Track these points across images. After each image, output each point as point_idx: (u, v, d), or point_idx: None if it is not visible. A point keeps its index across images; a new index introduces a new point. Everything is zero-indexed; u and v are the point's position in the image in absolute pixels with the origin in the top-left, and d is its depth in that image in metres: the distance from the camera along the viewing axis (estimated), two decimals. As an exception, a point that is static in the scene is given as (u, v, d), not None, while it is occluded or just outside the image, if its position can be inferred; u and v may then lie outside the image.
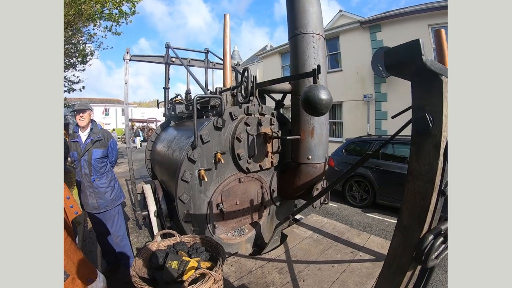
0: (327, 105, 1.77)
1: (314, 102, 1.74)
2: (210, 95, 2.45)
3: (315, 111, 1.79)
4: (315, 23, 2.79)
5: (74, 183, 4.15)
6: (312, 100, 1.75)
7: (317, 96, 1.74)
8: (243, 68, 2.33)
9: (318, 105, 1.75)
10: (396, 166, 6.29)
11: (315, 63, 2.74)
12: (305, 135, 2.75)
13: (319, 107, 1.76)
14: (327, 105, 1.77)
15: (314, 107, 1.76)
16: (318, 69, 1.98)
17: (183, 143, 3.05)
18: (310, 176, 2.91)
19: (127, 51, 4.35)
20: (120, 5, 8.22)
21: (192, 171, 2.39)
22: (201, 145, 2.39)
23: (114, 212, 3.53)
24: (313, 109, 1.78)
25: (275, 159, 2.93)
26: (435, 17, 9.42)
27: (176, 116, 4.40)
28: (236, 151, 2.56)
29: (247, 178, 2.79)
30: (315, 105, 1.76)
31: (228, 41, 3.05)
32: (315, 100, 1.74)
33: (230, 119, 2.56)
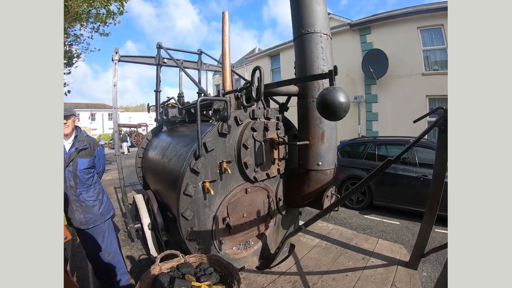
0: (346, 109, 1.60)
1: (333, 105, 1.57)
2: (214, 97, 2.19)
3: (334, 115, 1.61)
4: (322, 22, 2.59)
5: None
6: (330, 103, 1.57)
7: (337, 100, 1.56)
8: (254, 67, 2.09)
9: (338, 109, 1.57)
10: (391, 167, 6.19)
11: (323, 64, 2.53)
12: (315, 140, 2.54)
13: (338, 111, 1.58)
14: (346, 109, 1.60)
15: (333, 111, 1.58)
16: (335, 70, 1.77)
17: (181, 151, 2.77)
18: (320, 183, 2.70)
19: (116, 51, 4.02)
20: (108, 5, 7.85)
21: (196, 184, 2.13)
22: (205, 154, 2.13)
23: (104, 227, 3.23)
24: (332, 113, 1.60)
25: (282, 166, 2.71)
26: (424, 20, 9.54)
27: (168, 121, 4.10)
28: (242, 159, 2.31)
29: (254, 188, 2.55)
30: (334, 109, 1.58)
31: (227, 39, 2.81)
32: (334, 103, 1.57)
33: (235, 124, 2.31)
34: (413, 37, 9.81)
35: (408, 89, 9.81)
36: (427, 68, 9.83)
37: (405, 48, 9.90)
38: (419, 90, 9.62)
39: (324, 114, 1.68)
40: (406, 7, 10.04)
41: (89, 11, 7.86)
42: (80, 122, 36.21)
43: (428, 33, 9.75)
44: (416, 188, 5.86)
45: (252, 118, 2.43)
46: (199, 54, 4.86)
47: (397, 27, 10.11)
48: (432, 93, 9.56)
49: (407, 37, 9.88)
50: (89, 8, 7.81)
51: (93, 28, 9.19)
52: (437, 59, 9.73)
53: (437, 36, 9.59)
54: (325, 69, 2.54)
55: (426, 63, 9.86)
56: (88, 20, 8.80)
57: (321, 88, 2.52)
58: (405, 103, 9.86)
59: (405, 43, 9.92)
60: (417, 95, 9.63)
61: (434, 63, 9.80)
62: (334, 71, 1.76)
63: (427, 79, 9.61)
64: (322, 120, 2.51)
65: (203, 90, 2.71)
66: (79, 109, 37.85)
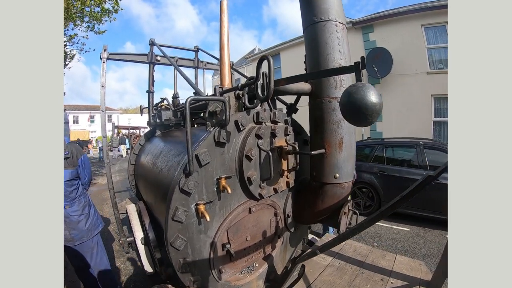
0: (379, 111, 1.19)
1: (365, 107, 1.15)
2: (209, 97, 1.73)
3: (364, 119, 1.19)
4: (337, 10, 2.14)
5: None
6: (361, 104, 1.16)
7: (368, 99, 1.15)
8: (261, 57, 1.61)
9: (370, 111, 1.16)
10: (402, 171, 5.79)
11: (341, 58, 2.08)
12: (331, 148, 2.08)
13: (370, 114, 1.17)
14: (379, 111, 1.19)
15: (364, 114, 1.17)
16: (363, 62, 1.33)
17: (172, 161, 2.32)
18: (337, 198, 2.24)
19: (104, 49, 3.58)
20: (102, 3, 7.37)
21: (187, 207, 1.66)
22: (198, 169, 1.67)
23: (91, 243, 2.85)
24: (362, 117, 1.19)
25: (291, 178, 2.24)
26: (428, 17, 9.11)
27: (162, 124, 3.64)
28: (245, 173, 1.84)
29: (259, 206, 2.09)
30: (365, 111, 1.16)
31: (225, 31, 2.35)
32: (366, 104, 1.15)
33: (235, 130, 1.84)
34: (417, 35, 9.37)
35: (413, 88, 9.35)
36: (432, 67, 9.38)
37: (409, 46, 9.45)
38: (424, 89, 9.17)
39: (352, 117, 1.24)
40: (410, 5, 9.60)
41: (82, 9, 7.39)
42: (79, 124, 35.76)
43: (433, 31, 9.31)
44: (427, 192, 5.42)
45: (257, 122, 1.97)
46: (195, 51, 4.40)
47: (400, 25, 9.67)
48: (437, 92, 9.12)
49: (411, 35, 9.43)
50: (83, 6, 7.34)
51: (88, 27, 8.73)
52: (442, 57, 9.28)
53: (442, 34, 9.15)
54: (342, 63, 2.09)
55: (431, 61, 9.41)
56: (83, 19, 8.36)
57: (338, 86, 2.06)
58: (410, 102, 9.40)
59: (409, 41, 9.47)
60: (422, 95, 9.17)
61: (439, 62, 9.35)
62: (362, 63, 1.32)
63: (432, 78, 9.17)
64: (340, 124, 2.05)
65: (197, 89, 2.24)
66: (78, 111, 37.26)
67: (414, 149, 5.84)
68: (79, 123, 36.50)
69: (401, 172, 5.76)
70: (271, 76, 1.52)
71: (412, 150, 5.93)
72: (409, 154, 5.99)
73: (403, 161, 5.99)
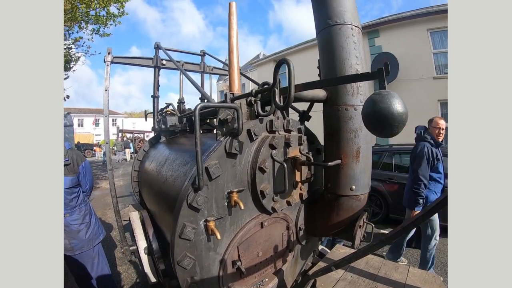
0: (405, 121, 1.10)
1: (391, 117, 1.06)
2: (220, 104, 1.60)
3: (390, 130, 1.10)
4: (353, 12, 2.02)
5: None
6: (387, 114, 1.06)
7: (395, 109, 1.06)
8: (279, 61, 1.47)
9: (396, 121, 1.06)
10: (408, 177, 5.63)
11: (357, 63, 1.95)
12: (348, 158, 1.94)
13: (397, 124, 1.07)
14: (405, 121, 1.10)
15: (390, 124, 1.07)
16: (387, 69, 1.21)
17: (178, 171, 2.19)
18: (352, 211, 2.10)
19: (108, 52, 3.48)
20: (107, 6, 7.31)
21: (196, 223, 1.53)
22: (208, 183, 1.53)
23: (92, 253, 2.73)
24: (387, 127, 1.09)
25: (305, 190, 2.10)
26: (433, 21, 8.98)
27: (167, 130, 3.52)
28: (258, 186, 1.70)
29: (271, 219, 1.95)
30: (391, 122, 1.07)
31: (234, 33, 2.22)
32: (392, 114, 1.06)
33: (248, 140, 1.71)
34: (423, 40, 9.25)
35: (419, 93, 9.19)
36: (438, 72, 9.24)
37: (415, 51, 9.32)
38: (430, 94, 9.01)
39: (376, 127, 1.15)
40: (415, 9, 9.47)
41: (87, 12, 7.33)
42: (84, 128, 35.81)
43: (438, 35, 9.18)
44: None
45: (270, 131, 1.84)
46: (202, 55, 4.28)
47: (406, 30, 9.56)
48: (444, 97, 8.97)
49: (417, 40, 9.31)
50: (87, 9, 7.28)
51: (93, 30, 8.69)
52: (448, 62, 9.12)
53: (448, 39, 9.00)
54: (359, 69, 1.96)
55: (437, 66, 9.26)
56: (88, 22, 8.32)
57: (355, 93, 1.93)
58: (416, 108, 9.20)
59: (415, 46, 9.34)
60: (428, 100, 9.01)
61: (445, 66, 9.21)
62: (386, 68, 1.20)
63: (438, 83, 9.02)
64: (357, 133, 1.92)
65: (205, 95, 2.11)
66: (83, 114, 37.32)
67: (424, 156, 5.68)
68: (84, 126, 36.57)
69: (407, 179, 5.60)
70: (292, 82, 1.38)
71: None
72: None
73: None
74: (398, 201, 5.64)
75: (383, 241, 1.89)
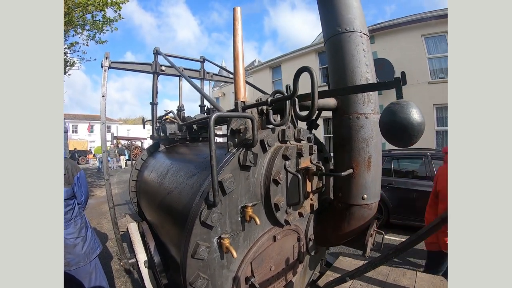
0: (423, 131, 1.10)
1: (411, 127, 1.05)
2: (235, 113, 1.53)
3: (408, 140, 1.09)
4: (362, 20, 2.01)
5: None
6: (407, 124, 1.05)
7: (414, 119, 1.05)
8: (300, 69, 1.40)
9: (415, 132, 1.06)
10: (410, 183, 5.65)
11: (367, 71, 1.93)
12: (360, 167, 1.90)
13: (416, 134, 1.06)
14: (423, 131, 1.10)
15: (409, 134, 1.07)
16: (403, 78, 1.20)
17: (183, 183, 2.11)
18: (363, 220, 2.06)
19: (106, 56, 3.38)
20: (103, 9, 7.20)
21: (209, 241, 1.45)
22: (222, 198, 1.47)
23: (89, 268, 2.62)
24: (406, 137, 1.08)
25: (315, 200, 2.05)
26: (428, 27, 9.12)
27: (166, 138, 3.44)
28: (272, 199, 1.64)
29: (283, 232, 1.89)
30: (410, 132, 1.06)
31: (239, 39, 2.15)
32: (412, 124, 1.05)
33: (261, 151, 1.65)
34: (418, 45, 9.37)
35: (415, 98, 9.26)
36: (433, 77, 9.35)
37: (410, 56, 9.43)
38: (425, 99, 9.10)
39: (394, 137, 1.12)
40: (409, 15, 9.62)
41: (82, 15, 7.21)
42: (78, 134, 35.19)
43: (433, 41, 9.31)
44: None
45: (282, 141, 1.79)
46: (201, 62, 4.21)
47: (401, 36, 9.68)
48: (439, 102, 9.07)
49: (412, 46, 9.43)
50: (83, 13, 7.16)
51: (89, 35, 8.57)
52: (442, 66, 9.25)
53: (442, 43, 9.15)
54: (369, 77, 1.94)
55: (432, 71, 9.38)
56: (84, 27, 8.20)
57: (366, 101, 1.90)
58: (412, 112, 9.32)
59: (410, 52, 9.45)
60: (423, 105, 9.08)
61: (440, 71, 9.33)
62: (402, 78, 1.17)
63: (433, 87, 9.13)
64: (369, 142, 1.88)
65: (214, 104, 2.02)
66: (78, 120, 36.70)
67: (422, 160, 5.71)
68: (78, 132, 35.94)
69: (409, 184, 5.62)
70: (315, 92, 1.32)
71: (419, 162, 5.80)
72: (416, 165, 5.86)
73: (411, 173, 5.85)
74: (398, 206, 5.65)
75: (399, 250, 1.84)
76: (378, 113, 1.96)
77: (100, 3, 6.84)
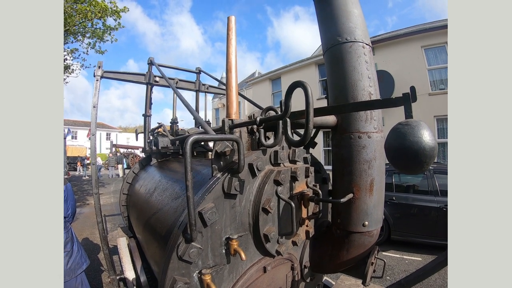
0: (435, 157, 0.94)
1: (423, 153, 0.89)
2: (217, 136, 1.34)
3: (419, 167, 0.93)
4: (364, 30, 1.83)
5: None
6: (418, 149, 0.89)
7: (426, 143, 0.89)
8: (293, 84, 1.19)
9: (428, 158, 0.89)
10: (412, 198, 5.43)
11: (370, 85, 1.74)
12: (361, 192, 1.70)
13: (427, 162, 0.90)
14: (435, 157, 0.95)
15: (421, 161, 0.90)
16: (413, 94, 1.02)
17: (168, 205, 1.92)
18: (363, 248, 1.85)
19: (98, 66, 3.23)
20: (103, 16, 7.13)
21: (189, 276, 1.25)
22: (202, 229, 1.27)
23: (75, 283, 2.54)
24: (417, 164, 0.91)
25: (311, 226, 1.84)
26: (427, 38, 9.02)
27: (158, 152, 3.26)
28: (261, 230, 1.44)
29: (274, 262, 1.68)
30: (422, 159, 0.90)
31: (233, 51, 1.98)
32: (424, 149, 0.88)
33: (249, 175, 1.46)
34: (418, 57, 9.25)
35: (415, 110, 8.79)
36: (433, 88, 9.20)
37: (410, 68, 9.31)
38: (426, 110, 8.93)
39: (404, 165, 0.96)
40: (409, 27, 9.52)
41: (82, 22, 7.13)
42: (77, 140, 35.07)
43: (433, 52, 9.19)
44: (439, 219, 5.06)
45: (274, 164, 1.59)
46: (197, 73, 4.05)
47: (401, 47, 9.57)
48: (439, 113, 8.90)
49: (412, 57, 9.31)
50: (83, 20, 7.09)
51: (89, 43, 8.51)
52: (443, 77, 9.11)
53: (442, 55, 9.03)
54: (372, 92, 1.75)
55: (432, 82, 9.23)
56: (85, 35, 8.15)
57: (369, 118, 1.71)
58: (413, 124, 9.15)
59: (410, 63, 9.33)
60: (424, 116, 8.91)
61: (440, 82, 9.18)
62: (412, 94, 1.01)
63: (434, 99, 8.97)
64: (371, 163, 1.69)
65: (200, 120, 1.84)
66: (77, 126, 36.59)
67: (424, 174, 5.50)
68: (77, 138, 35.82)
69: (411, 199, 5.40)
70: (310, 113, 1.12)
71: (421, 176, 5.58)
72: (418, 179, 5.65)
73: (412, 187, 5.64)
74: (400, 222, 5.43)
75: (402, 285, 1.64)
76: (381, 131, 1.77)
77: (100, 11, 6.76)
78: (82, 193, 12.79)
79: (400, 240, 5.52)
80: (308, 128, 1.09)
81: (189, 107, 1.91)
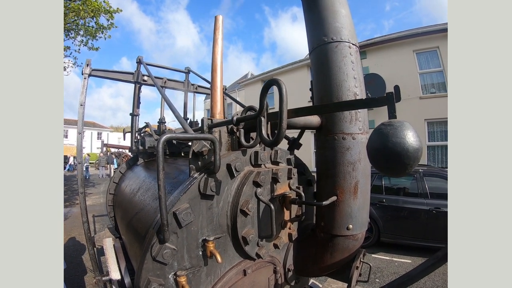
0: (419, 159, 0.88)
1: (406, 154, 0.83)
2: (191, 135, 1.29)
3: (403, 170, 0.87)
4: (350, 30, 1.81)
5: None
6: (401, 151, 0.84)
7: (410, 145, 0.83)
8: (268, 82, 1.15)
9: (412, 160, 0.84)
10: (402, 200, 5.44)
11: (356, 85, 1.71)
12: (345, 194, 1.67)
13: (411, 164, 0.85)
14: (420, 159, 0.89)
15: (404, 164, 0.85)
16: (397, 93, 0.99)
17: (148, 205, 1.86)
18: (348, 252, 1.82)
19: (87, 64, 3.16)
20: (96, 15, 7.04)
21: (164, 278, 1.20)
22: (178, 230, 1.22)
23: None
24: (399, 167, 0.86)
25: (294, 228, 1.80)
26: (419, 43, 9.10)
27: (145, 152, 3.19)
28: (240, 232, 1.40)
29: (255, 265, 1.63)
30: (405, 161, 0.84)
31: (219, 50, 1.94)
32: (407, 151, 0.83)
33: (227, 176, 1.41)
34: (410, 61, 9.33)
35: (406, 113, 9.17)
36: (424, 92, 9.27)
37: (401, 71, 9.37)
38: (417, 114, 9.00)
39: (386, 166, 0.91)
40: (401, 31, 9.60)
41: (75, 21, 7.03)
42: (68, 139, 34.49)
43: (424, 56, 9.28)
44: (428, 221, 5.08)
45: (255, 165, 1.55)
46: (186, 73, 4.00)
47: (393, 51, 9.64)
48: (430, 117, 8.97)
49: (404, 61, 9.38)
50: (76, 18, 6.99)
51: (82, 41, 8.40)
52: (434, 82, 9.18)
53: (433, 59, 9.10)
54: (357, 92, 1.72)
55: (423, 86, 9.30)
56: (78, 32, 8.03)
57: (353, 119, 1.68)
58: (404, 127, 9.21)
59: (401, 67, 9.40)
60: (415, 120, 8.98)
61: (431, 86, 9.26)
62: (396, 93, 0.98)
63: (424, 102, 9.04)
64: (356, 165, 1.66)
65: (180, 119, 1.78)
66: (68, 125, 35.91)
67: (414, 177, 5.51)
68: (68, 137, 35.20)
69: (401, 202, 5.41)
70: (284, 111, 1.08)
71: (411, 178, 5.59)
72: (408, 182, 5.66)
73: (402, 190, 5.65)
74: (390, 225, 5.43)
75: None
76: (367, 132, 1.74)
77: (93, 10, 6.68)
78: (72, 193, 12.59)
79: (389, 243, 5.52)
80: (281, 128, 1.05)
81: (172, 106, 1.87)
